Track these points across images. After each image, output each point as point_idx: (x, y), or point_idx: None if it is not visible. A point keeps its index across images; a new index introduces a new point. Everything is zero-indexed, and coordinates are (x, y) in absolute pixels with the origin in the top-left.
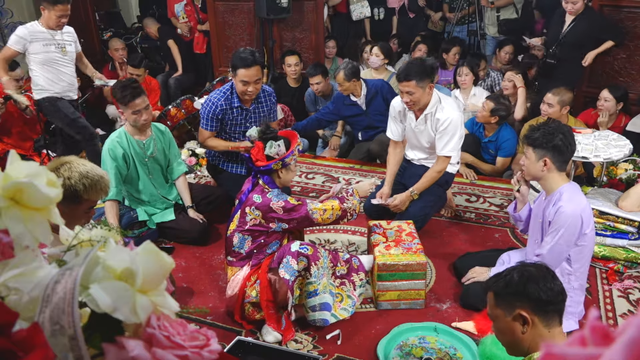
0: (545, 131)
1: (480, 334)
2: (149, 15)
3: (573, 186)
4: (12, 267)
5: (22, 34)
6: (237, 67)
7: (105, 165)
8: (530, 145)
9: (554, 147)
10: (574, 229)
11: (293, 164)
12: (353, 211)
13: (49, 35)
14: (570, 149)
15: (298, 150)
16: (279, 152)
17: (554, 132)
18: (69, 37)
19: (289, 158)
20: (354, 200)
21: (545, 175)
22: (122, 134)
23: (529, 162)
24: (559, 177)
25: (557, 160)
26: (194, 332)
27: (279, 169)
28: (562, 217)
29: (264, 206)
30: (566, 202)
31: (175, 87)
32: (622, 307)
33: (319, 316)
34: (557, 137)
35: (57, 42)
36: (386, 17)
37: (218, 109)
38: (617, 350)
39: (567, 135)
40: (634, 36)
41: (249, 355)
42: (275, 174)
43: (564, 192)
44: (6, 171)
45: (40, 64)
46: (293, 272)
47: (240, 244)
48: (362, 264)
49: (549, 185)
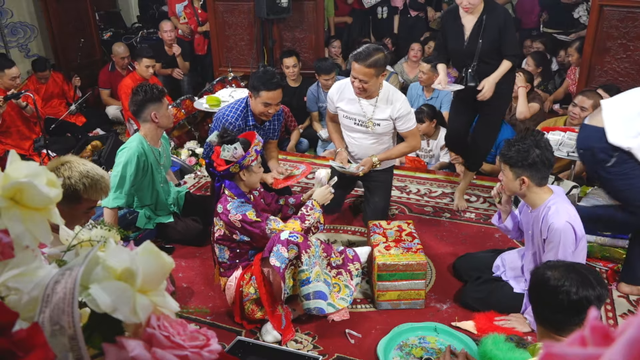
0: (519, 148)
1: (480, 334)
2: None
3: (557, 196)
4: (12, 267)
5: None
6: (259, 88)
7: (127, 170)
8: (506, 164)
9: (531, 165)
10: (569, 241)
11: (255, 164)
12: (315, 227)
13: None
14: (547, 164)
15: (256, 151)
16: (234, 155)
17: (529, 149)
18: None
19: (246, 160)
20: (315, 214)
21: (525, 192)
22: (142, 141)
23: (507, 179)
24: (541, 192)
25: (536, 177)
26: (194, 332)
27: (239, 171)
28: (556, 234)
29: (224, 216)
30: (556, 219)
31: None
32: (622, 307)
33: (313, 305)
34: (532, 154)
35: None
36: (389, 16)
37: (236, 129)
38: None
39: (544, 150)
40: (634, 36)
41: (249, 355)
42: (237, 177)
43: (551, 207)
44: (6, 171)
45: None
46: (283, 259)
47: (220, 254)
48: (357, 255)
49: (532, 200)
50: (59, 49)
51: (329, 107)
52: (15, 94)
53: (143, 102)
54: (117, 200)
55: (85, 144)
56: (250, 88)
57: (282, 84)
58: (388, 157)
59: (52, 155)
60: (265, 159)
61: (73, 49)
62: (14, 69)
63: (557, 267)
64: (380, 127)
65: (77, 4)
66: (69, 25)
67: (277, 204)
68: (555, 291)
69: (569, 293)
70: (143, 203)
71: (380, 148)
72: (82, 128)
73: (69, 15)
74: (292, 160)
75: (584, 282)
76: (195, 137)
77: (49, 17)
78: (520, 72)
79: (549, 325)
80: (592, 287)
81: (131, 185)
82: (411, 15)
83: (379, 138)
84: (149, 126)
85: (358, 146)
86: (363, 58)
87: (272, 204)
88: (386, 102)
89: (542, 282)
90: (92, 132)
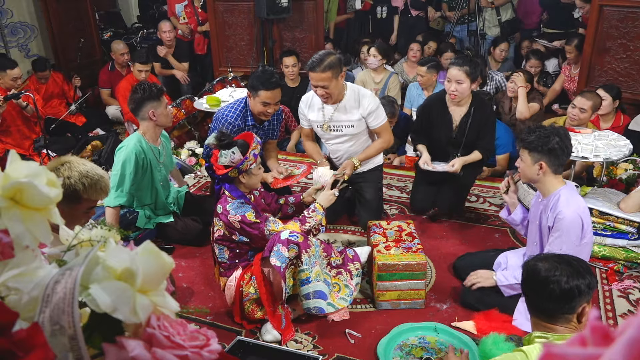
0: (541, 134)
1: (480, 334)
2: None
3: (569, 188)
4: (12, 267)
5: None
6: (258, 88)
7: (126, 169)
8: (525, 148)
9: (550, 151)
10: (575, 232)
11: (254, 167)
12: (316, 229)
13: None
14: (566, 152)
15: (254, 155)
16: (232, 160)
17: (550, 135)
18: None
19: (244, 164)
20: (317, 216)
21: (540, 179)
22: (141, 139)
23: (525, 165)
24: (555, 180)
25: (553, 164)
26: (194, 332)
27: (237, 175)
28: (564, 223)
29: (223, 217)
30: (565, 207)
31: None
32: (622, 307)
33: (313, 304)
34: (553, 141)
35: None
36: (389, 15)
37: (235, 129)
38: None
39: (563, 139)
40: (634, 36)
41: (249, 355)
42: (236, 180)
43: (562, 196)
44: (6, 171)
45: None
46: (284, 259)
47: (220, 254)
48: (357, 255)
49: (545, 188)
50: (59, 49)
51: (302, 124)
52: (16, 94)
53: (141, 100)
54: (119, 199)
55: (85, 144)
56: (249, 88)
57: (280, 83)
58: (367, 156)
59: (52, 155)
60: (265, 158)
61: (73, 49)
62: (16, 70)
63: (547, 258)
64: (354, 128)
65: (77, 4)
66: (69, 25)
67: (277, 204)
68: (547, 281)
69: (560, 282)
70: (143, 203)
71: (361, 149)
72: (82, 128)
73: (69, 15)
74: (292, 160)
75: (574, 271)
76: (195, 137)
77: (49, 17)
78: (520, 72)
79: (542, 314)
80: (582, 276)
81: (131, 183)
82: (411, 15)
83: (356, 139)
84: (148, 124)
85: (339, 152)
86: (317, 65)
87: (272, 204)
88: (354, 102)
89: (533, 273)
90: (92, 132)
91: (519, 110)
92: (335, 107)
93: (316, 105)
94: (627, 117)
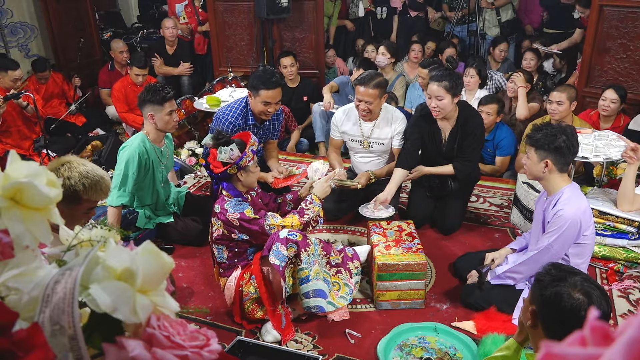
0: (547, 132)
1: (480, 334)
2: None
3: (574, 188)
4: (12, 267)
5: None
6: (259, 87)
7: (129, 168)
8: (532, 146)
9: (556, 149)
10: (571, 232)
11: (252, 164)
12: (315, 221)
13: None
14: (572, 150)
15: (252, 151)
16: (231, 157)
17: (557, 133)
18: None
19: (243, 160)
20: (315, 208)
21: (546, 176)
22: (144, 139)
23: (531, 162)
24: (561, 179)
25: (559, 162)
26: (194, 332)
27: (236, 172)
28: (560, 221)
29: (222, 216)
30: (566, 205)
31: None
32: (622, 307)
33: (313, 303)
34: (559, 139)
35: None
36: (388, 16)
37: (236, 128)
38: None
39: (569, 137)
40: (634, 36)
41: (249, 355)
42: (234, 178)
43: (565, 194)
44: (6, 171)
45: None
46: (283, 257)
47: (219, 255)
48: (356, 254)
49: (551, 186)
50: (59, 49)
51: (333, 134)
52: (16, 94)
53: (144, 101)
54: (121, 199)
55: (85, 144)
56: (249, 87)
57: (281, 82)
58: (382, 174)
59: (52, 155)
60: (265, 158)
61: (73, 49)
62: (17, 71)
63: (575, 285)
64: (384, 146)
65: (77, 4)
66: (69, 25)
67: (275, 203)
68: (578, 310)
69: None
70: (143, 203)
71: (382, 165)
72: (82, 128)
73: (69, 15)
74: (292, 160)
75: (603, 295)
76: (195, 137)
77: (49, 17)
78: (520, 72)
79: (557, 338)
80: (607, 299)
81: (134, 183)
82: (411, 16)
83: (381, 156)
84: (149, 125)
85: (365, 165)
86: (368, 81)
87: (270, 203)
88: (387, 122)
89: (566, 303)
90: (92, 132)
91: (519, 111)
92: (373, 124)
93: (352, 119)
94: (627, 117)
